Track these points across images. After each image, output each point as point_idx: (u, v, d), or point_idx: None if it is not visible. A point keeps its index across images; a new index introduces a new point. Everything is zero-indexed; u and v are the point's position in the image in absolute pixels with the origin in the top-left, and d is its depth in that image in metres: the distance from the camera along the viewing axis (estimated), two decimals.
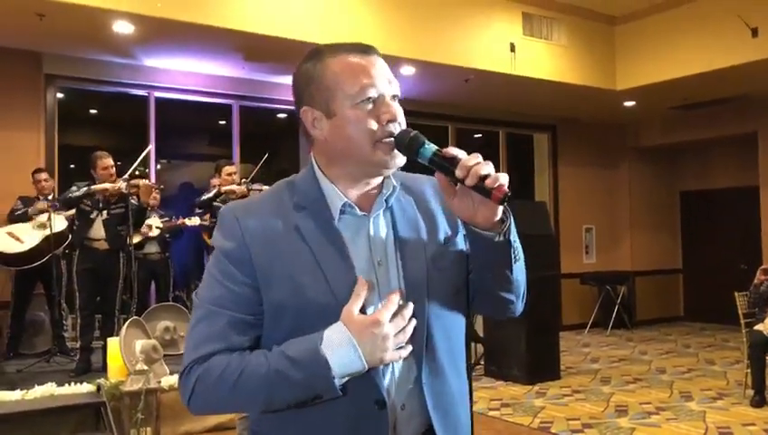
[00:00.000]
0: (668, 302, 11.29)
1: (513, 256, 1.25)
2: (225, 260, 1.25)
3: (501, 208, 1.19)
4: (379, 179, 1.29)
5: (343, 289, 1.18)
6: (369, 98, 1.22)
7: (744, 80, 7.95)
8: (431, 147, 1.20)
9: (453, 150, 1.19)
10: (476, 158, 1.16)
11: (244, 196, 6.36)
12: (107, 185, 5.56)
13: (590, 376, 7.08)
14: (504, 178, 1.15)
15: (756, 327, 5.92)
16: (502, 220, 1.22)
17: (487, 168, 1.15)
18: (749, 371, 5.94)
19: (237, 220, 1.25)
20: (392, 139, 1.22)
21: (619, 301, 10.24)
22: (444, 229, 1.33)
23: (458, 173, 1.16)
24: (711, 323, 10.43)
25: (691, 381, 6.75)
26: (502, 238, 1.22)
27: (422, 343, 1.24)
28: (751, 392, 5.84)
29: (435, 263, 1.28)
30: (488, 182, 1.14)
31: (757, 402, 5.70)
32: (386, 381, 1.22)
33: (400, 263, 1.26)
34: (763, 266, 6.48)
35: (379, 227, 1.28)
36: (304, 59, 1.30)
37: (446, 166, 1.18)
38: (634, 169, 11.08)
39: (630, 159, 11.05)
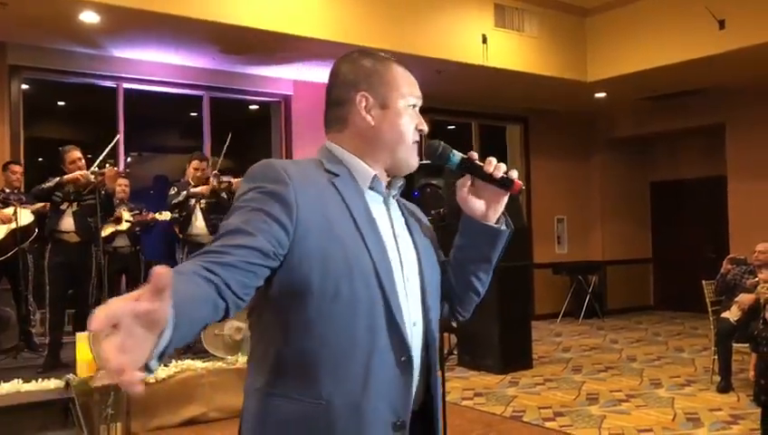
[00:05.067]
0: (639, 291, 11.46)
1: (504, 247, 1.48)
2: (266, 198, 1.23)
3: (502, 207, 1.45)
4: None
5: (377, 250, 1.29)
6: (414, 105, 1.42)
7: (712, 71, 8.06)
8: (458, 154, 1.42)
9: (474, 155, 1.43)
10: (494, 160, 1.41)
11: (214, 190, 6.29)
12: (78, 173, 5.47)
13: (561, 365, 7.16)
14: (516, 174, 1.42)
15: (723, 315, 6.02)
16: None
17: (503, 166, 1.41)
18: (716, 357, 6.05)
19: (285, 170, 1.27)
20: (417, 143, 1.42)
21: (590, 290, 10.36)
22: (432, 237, 1.51)
23: (487, 168, 1.39)
24: (680, 311, 10.60)
25: (660, 369, 6.86)
26: (506, 228, 1.45)
27: (437, 314, 1.42)
28: (718, 379, 5.95)
29: (434, 251, 1.49)
30: (511, 174, 1.39)
31: (723, 388, 5.81)
32: (411, 343, 1.32)
33: (410, 239, 1.41)
34: (729, 256, 6.60)
35: (395, 207, 1.43)
36: (358, 55, 1.44)
37: (475, 166, 1.41)
38: (605, 159, 11.20)
39: (601, 150, 11.16)
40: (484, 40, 7.65)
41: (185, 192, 6.26)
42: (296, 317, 1.24)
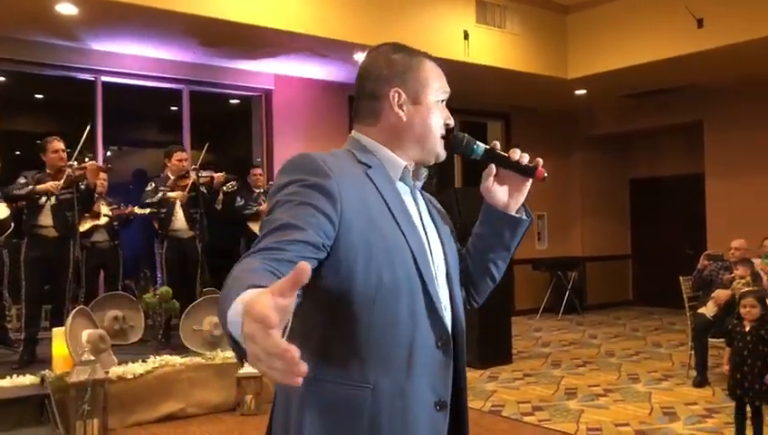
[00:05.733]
0: (618, 286, 11.56)
1: (522, 236, 1.57)
2: (311, 191, 1.25)
3: (523, 197, 1.53)
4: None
5: (414, 239, 1.35)
6: (443, 100, 1.49)
7: (691, 69, 8.14)
8: (482, 144, 1.50)
9: (497, 144, 1.51)
10: (518, 150, 1.49)
11: (194, 184, 6.24)
12: (50, 185, 5.39)
13: (541, 360, 7.21)
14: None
15: (700, 310, 6.09)
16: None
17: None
18: (692, 352, 6.12)
19: (324, 162, 1.30)
20: (444, 135, 1.48)
21: (570, 286, 10.43)
22: (451, 227, 1.56)
23: (513, 156, 1.47)
24: (659, 306, 10.71)
25: (638, 364, 6.93)
26: (527, 218, 1.55)
27: (461, 300, 1.48)
28: (694, 373, 6.02)
29: (454, 240, 1.55)
30: (537, 163, 1.49)
31: (699, 383, 5.88)
32: (448, 324, 1.39)
33: (435, 228, 1.47)
34: (706, 252, 6.68)
35: (419, 197, 1.49)
36: (391, 50, 1.47)
37: (500, 155, 1.48)
38: (585, 156, 11.27)
39: (582, 147, 11.24)
40: (466, 36, 7.66)
41: (159, 194, 6.18)
42: (342, 306, 1.27)
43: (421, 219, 1.43)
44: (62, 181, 5.42)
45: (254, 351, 0.85)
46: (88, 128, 6.07)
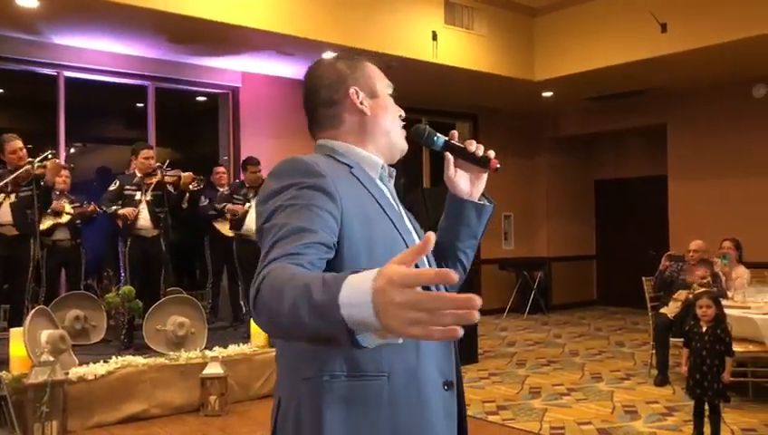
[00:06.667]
0: (583, 287, 11.71)
1: (487, 222, 1.63)
2: (312, 192, 1.26)
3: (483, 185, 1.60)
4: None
5: (405, 233, 1.39)
6: (392, 94, 1.54)
7: (655, 73, 8.28)
8: (441, 136, 1.56)
9: (455, 134, 1.57)
10: (474, 142, 1.55)
11: (160, 183, 6.16)
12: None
13: (506, 359, 7.27)
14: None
15: (661, 310, 6.20)
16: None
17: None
18: (654, 352, 6.23)
19: (316, 164, 1.32)
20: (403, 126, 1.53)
21: (535, 286, 10.54)
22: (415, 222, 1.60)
23: (470, 148, 1.53)
24: (622, 306, 10.88)
25: (601, 363, 7.03)
26: (490, 204, 1.61)
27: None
28: (656, 372, 6.12)
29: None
30: (488, 154, 1.54)
31: (660, 381, 5.98)
32: None
33: (410, 224, 1.49)
34: (667, 253, 6.79)
35: (393, 192, 1.51)
36: (332, 60, 1.51)
37: (459, 147, 1.54)
38: (551, 158, 11.40)
39: (548, 148, 11.36)
40: (435, 37, 7.69)
41: (113, 208, 6.03)
42: None
43: (401, 214, 1.47)
44: (16, 173, 5.30)
45: (409, 317, 0.89)
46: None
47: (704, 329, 4.33)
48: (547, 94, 9.49)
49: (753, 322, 5.18)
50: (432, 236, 0.95)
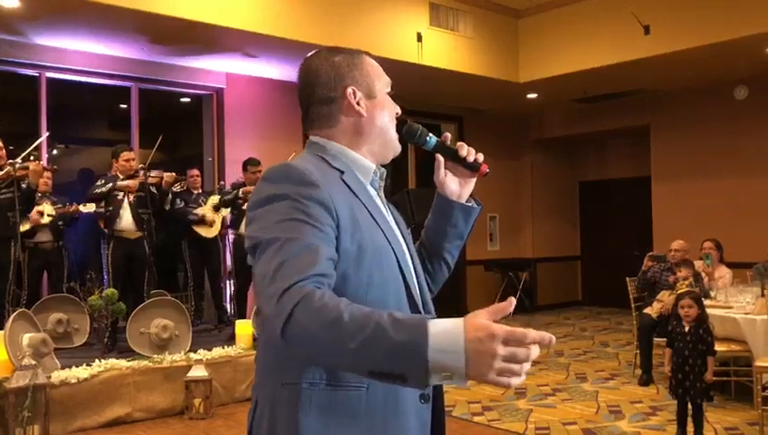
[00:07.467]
0: (567, 287, 11.77)
1: (474, 223, 1.65)
2: (309, 203, 1.25)
3: (471, 188, 1.61)
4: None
5: (393, 240, 1.38)
6: (389, 92, 1.51)
7: (638, 75, 8.34)
8: (434, 137, 1.55)
9: (448, 136, 1.58)
10: (465, 145, 1.56)
11: (143, 184, 6.13)
12: None
13: None
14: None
15: (645, 310, 6.24)
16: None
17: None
18: (638, 352, 6.26)
19: (310, 172, 1.30)
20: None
21: (521, 287, 10.58)
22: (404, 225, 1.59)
23: (462, 152, 1.54)
24: (607, 307, 10.95)
25: (586, 363, 7.06)
26: (478, 206, 1.63)
27: (428, 294, 1.50)
28: (640, 372, 6.16)
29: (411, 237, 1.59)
30: (478, 158, 1.55)
31: (644, 381, 6.02)
32: None
33: (398, 228, 1.48)
34: (650, 253, 6.83)
35: (383, 196, 1.51)
36: (329, 54, 1.48)
37: (450, 149, 1.55)
38: (536, 159, 11.45)
39: (533, 149, 11.41)
40: (419, 38, 7.70)
41: (110, 184, 6.06)
42: None
43: (388, 215, 1.47)
44: (5, 168, 5.24)
45: (503, 367, 1.03)
46: (41, 139, 5.85)
47: (686, 329, 4.36)
48: (532, 96, 9.53)
49: (735, 321, 5.22)
50: (513, 300, 1.08)
